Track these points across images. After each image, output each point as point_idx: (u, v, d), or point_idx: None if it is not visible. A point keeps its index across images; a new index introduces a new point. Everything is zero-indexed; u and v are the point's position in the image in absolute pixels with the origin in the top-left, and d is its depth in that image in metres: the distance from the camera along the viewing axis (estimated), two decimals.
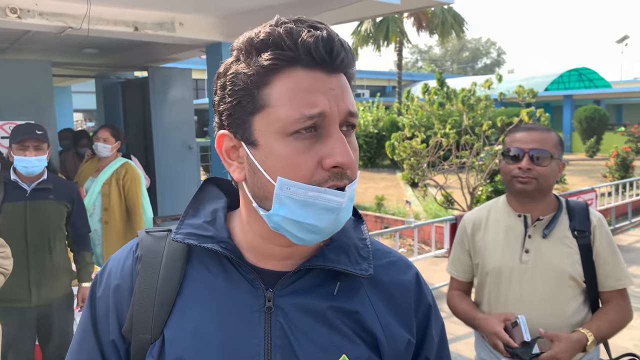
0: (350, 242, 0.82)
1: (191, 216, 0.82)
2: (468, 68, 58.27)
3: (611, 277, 1.76)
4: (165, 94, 5.72)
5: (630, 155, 11.39)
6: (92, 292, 0.84)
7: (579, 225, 1.77)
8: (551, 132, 1.81)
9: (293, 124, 0.69)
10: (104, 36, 3.97)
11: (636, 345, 4.22)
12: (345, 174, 0.71)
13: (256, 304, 0.76)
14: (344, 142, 0.70)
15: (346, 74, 0.74)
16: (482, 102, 7.00)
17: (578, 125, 21.14)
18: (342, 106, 0.71)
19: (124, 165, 3.81)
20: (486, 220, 1.90)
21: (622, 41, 44.63)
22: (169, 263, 0.80)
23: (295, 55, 0.69)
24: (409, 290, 0.85)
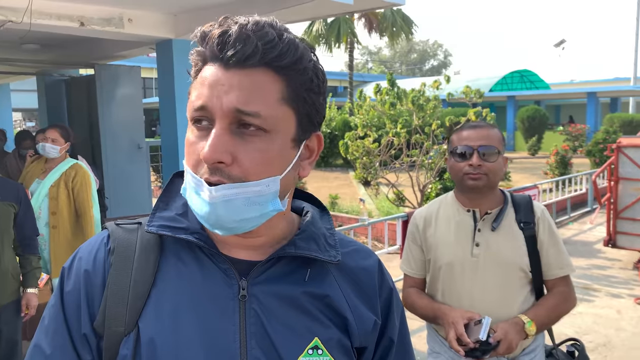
0: (318, 232, 0.85)
1: (162, 209, 0.83)
2: (416, 69, 59.59)
3: (554, 266, 1.85)
4: (113, 92, 5.54)
5: (568, 153, 12.02)
6: (61, 284, 0.82)
7: (524, 218, 1.84)
8: (495, 128, 1.88)
9: (190, 112, 0.74)
10: (47, 31, 3.80)
11: (577, 332, 4.45)
12: (220, 170, 0.71)
13: (230, 293, 0.78)
14: (216, 138, 0.70)
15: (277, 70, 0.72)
16: (431, 102, 7.19)
17: (520, 125, 22.06)
18: (226, 102, 0.70)
19: (73, 167, 3.65)
20: (436, 216, 1.94)
21: (560, 45, 46.86)
22: (142, 255, 0.80)
23: (204, 52, 0.74)
24: (372, 274, 0.89)
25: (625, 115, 20.09)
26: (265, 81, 0.72)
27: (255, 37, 0.70)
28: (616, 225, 6.36)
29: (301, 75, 0.74)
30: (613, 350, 4.11)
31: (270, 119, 0.72)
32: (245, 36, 0.70)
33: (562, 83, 37.25)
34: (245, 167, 0.72)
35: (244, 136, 0.72)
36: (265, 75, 0.72)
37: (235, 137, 0.72)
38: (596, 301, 5.21)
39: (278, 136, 0.73)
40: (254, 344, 0.76)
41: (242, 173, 0.72)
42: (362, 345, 0.84)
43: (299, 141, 0.77)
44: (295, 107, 0.75)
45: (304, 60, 0.74)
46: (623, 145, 6.31)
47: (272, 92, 0.72)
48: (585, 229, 8.33)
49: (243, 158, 0.72)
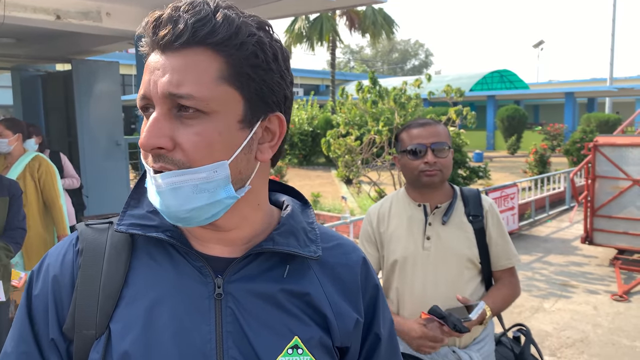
0: (298, 226, 0.82)
1: (133, 207, 0.80)
2: (398, 69, 59.90)
3: (502, 257, 1.91)
4: (91, 88, 5.43)
5: (547, 152, 12.19)
6: (29, 289, 0.79)
7: (473, 211, 1.89)
8: (441, 123, 1.91)
9: (137, 103, 0.72)
10: (22, 24, 3.70)
11: (555, 328, 4.52)
12: (163, 157, 0.69)
13: (206, 291, 0.75)
14: (152, 124, 0.69)
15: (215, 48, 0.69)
16: (413, 100, 7.22)
17: (500, 124, 22.34)
18: (160, 87, 0.68)
19: (36, 159, 3.60)
20: (389, 212, 1.96)
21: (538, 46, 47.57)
22: (112, 255, 0.77)
23: (145, 39, 0.72)
24: (355, 271, 0.86)
25: (601, 115, 20.49)
26: (199, 60, 0.68)
27: (187, 15, 0.68)
28: (593, 223, 6.47)
29: (239, 50, 0.69)
30: (590, 345, 4.18)
31: (206, 100, 0.68)
32: (175, 17, 0.68)
33: (541, 83, 37.85)
34: (187, 152, 0.69)
35: (182, 119, 0.69)
36: (201, 55, 0.68)
37: (175, 121, 0.69)
38: (573, 297, 5.29)
39: (219, 117, 0.69)
40: (231, 343, 0.73)
41: (185, 158, 0.69)
42: (343, 345, 0.81)
43: (249, 122, 0.73)
44: (239, 85, 0.70)
45: (241, 35, 0.69)
46: (600, 144, 6.42)
47: (208, 71, 0.68)
48: (563, 227, 8.46)
49: (183, 142, 0.69)
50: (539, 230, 8.24)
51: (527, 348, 1.86)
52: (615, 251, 6.49)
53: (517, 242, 7.50)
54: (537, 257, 6.73)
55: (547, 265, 6.42)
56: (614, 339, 4.30)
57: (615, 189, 6.29)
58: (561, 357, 4.01)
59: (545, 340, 4.29)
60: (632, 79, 30.38)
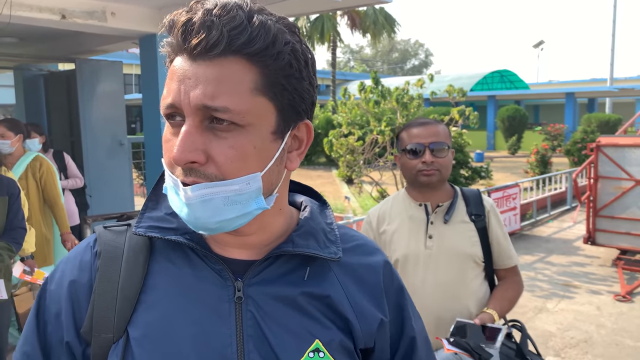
0: (317, 227, 0.81)
1: (151, 209, 0.79)
2: (397, 68, 59.89)
3: (504, 256, 1.93)
4: (95, 87, 5.43)
5: (548, 152, 12.20)
6: (43, 291, 0.78)
7: (475, 210, 1.91)
8: (441, 123, 1.92)
9: (161, 108, 0.70)
10: (27, 24, 3.70)
11: (559, 328, 4.52)
12: (195, 170, 0.67)
13: (225, 295, 0.74)
14: (185, 137, 0.65)
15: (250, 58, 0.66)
16: (415, 100, 7.22)
17: (501, 124, 22.35)
18: (193, 98, 0.65)
19: (37, 159, 3.64)
20: (390, 213, 1.97)
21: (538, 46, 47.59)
22: (130, 258, 0.76)
23: (170, 42, 0.69)
24: (377, 271, 0.85)
25: (602, 116, 20.51)
26: (234, 71, 0.65)
27: (221, 22, 0.64)
28: (595, 223, 6.47)
29: (276, 60, 0.67)
30: (594, 346, 4.19)
31: (242, 113, 0.66)
32: (209, 23, 0.64)
33: (541, 83, 37.86)
34: (220, 165, 0.67)
35: (216, 132, 0.67)
36: (235, 65, 0.66)
37: (207, 134, 0.66)
38: (576, 298, 5.30)
39: (254, 130, 0.68)
40: (252, 347, 0.72)
41: (218, 171, 0.67)
42: (367, 347, 0.80)
43: (282, 133, 0.71)
44: (273, 96, 0.69)
45: (278, 44, 0.67)
46: (602, 144, 6.42)
47: (244, 82, 0.66)
48: (564, 227, 8.46)
49: (217, 155, 0.66)
50: (540, 231, 8.25)
51: (524, 344, 1.85)
52: (617, 251, 6.49)
53: (519, 242, 7.51)
54: (539, 258, 6.74)
55: (549, 265, 6.43)
56: (617, 339, 4.31)
57: (617, 190, 6.29)
58: (565, 357, 4.01)
59: (549, 340, 4.29)
60: (633, 79, 30.41)
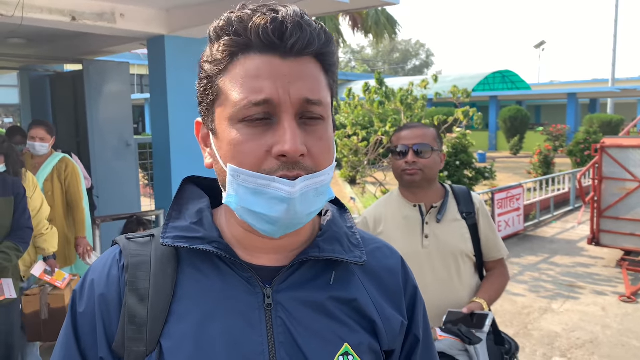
0: (341, 231, 0.83)
1: (175, 219, 0.79)
2: (399, 69, 59.88)
3: (493, 249, 2.07)
4: (102, 88, 5.44)
5: (551, 153, 12.21)
6: (73, 307, 0.78)
7: (466, 208, 2.02)
8: (430, 128, 2.03)
9: (241, 110, 0.68)
10: (37, 26, 3.72)
11: (565, 329, 4.54)
12: (298, 163, 0.69)
13: (255, 302, 0.74)
14: (294, 131, 0.68)
15: (317, 57, 0.72)
16: (420, 101, 7.23)
17: (503, 125, 22.34)
18: (294, 93, 0.68)
19: (63, 160, 3.72)
20: (385, 214, 2.04)
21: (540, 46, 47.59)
22: (159, 270, 0.76)
23: (246, 40, 0.68)
24: (396, 273, 0.87)
25: (604, 116, 20.50)
26: (316, 69, 0.72)
27: (305, 24, 0.69)
28: (600, 224, 6.48)
29: (333, 59, 0.74)
30: (600, 347, 4.20)
31: (327, 106, 0.73)
32: (297, 22, 0.68)
33: (542, 84, 37.84)
34: (315, 158, 0.71)
35: (308, 127, 0.71)
36: (314, 63, 0.71)
37: (302, 128, 0.70)
38: (581, 299, 5.31)
39: (328, 123, 0.74)
40: (284, 354, 0.73)
41: (314, 164, 0.71)
42: (390, 348, 0.82)
43: (334, 127, 0.78)
44: (332, 93, 0.76)
45: (333, 45, 0.74)
46: (607, 145, 6.43)
47: (322, 79, 0.72)
48: (568, 228, 8.48)
49: (313, 148, 0.70)
50: (544, 231, 8.26)
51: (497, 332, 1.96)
52: (621, 252, 6.51)
53: (523, 243, 7.52)
54: (543, 258, 6.75)
55: (553, 266, 6.44)
56: (623, 340, 4.32)
57: (622, 191, 6.30)
58: (572, 358, 4.03)
59: (555, 341, 4.31)
60: (635, 80, 30.38)
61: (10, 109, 24.56)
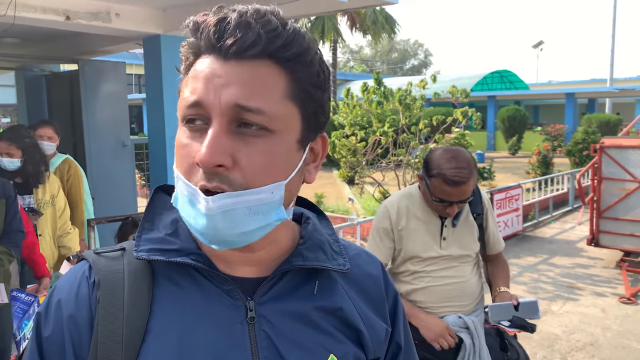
0: (323, 239, 0.79)
1: (148, 230, 0.74)
2: (397, 69, 59.87)
3: (497, 243, 2.26)
4: (98, 88, 5.39)
5: (550, 153, 12.18)
6: (38, 332, 0.71)
7: (476, 209, 2.15)
8: (473, 177, 1.94)
9: (182, 111, 0.67)
10: (31, 25, 3.67)
11: (564, 331, 4.50)
12: (219, 175, 0.63)
13: (237, 316, 0.71)
14: (213, 138, 0.62)
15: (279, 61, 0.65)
16: (418, 101, 7.20)
17: (501, 125, 22.32)
18: (224, 97, 0.62)
19: (66, 161, 3.74)
20: (406, 211, 2.10)
21: (538, 46, 47.62)
22: (133, 285, 0.71)
23: (197, 42, 0.67)
24: (378, 280, 0.85)
25: (602, 116, 20.50)
26: (268, 74, 0.64)
27: (258, 24, 0.63)
28: (599, 225, 6.46)
29: (308, 68, 0.67)
30: (600, 349, 4.17)
31: (274, 117, 0.64)
32: (245, 23, 0.63)
33: (541, 84, 37.86)
34: (246, 172, 0.64)
35: (245, 137, 0.64)
36: (268, 68, 0.64)
37: (235, 137, 0.64)
38: (581, 300, 5.28)
39: (283, 137, 0.66)
40: None
41: (244, 179, 0.64)
42: (376, 357, 0.80)
43: (305, 143, 0.70)
44: (301, 104, 0.67)
45: (311, 52, 0.67)
46: (606, 145, 6.41)
47: (276, 86, 0.65)
48: (567, 228, 8.45)
49: (244, 161, 0.64)
50: (542, 232, 8.23)
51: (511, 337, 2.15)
52: (621, 253, 6.48)
53: (522, 243, 7.49)
54: (542, 259, 6.72)
55: (552, 267, 6.41)
56: (624, 342, 4.29)
57: (621, 191, 6.28)
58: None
59: (555, 343, 4.27)
60: (633, 80, 30.42)
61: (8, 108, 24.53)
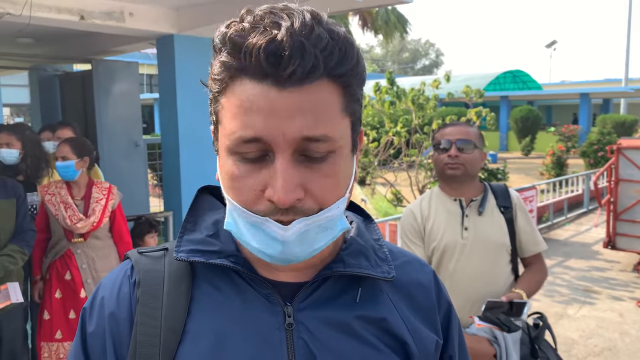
0: (367, 244, 0.76)
1: (190, 231, 0.73)
2: (408, 68, 59.66)
3: (531, 243, 2.13)
4: (111, 88, 5.40)
5: (564, 154, 12.04)
6: (82, 327, 0.73)
7: (504, 203, 2.11)
8: (473, 126, 2.12)
9: (234, 143, 0.62)
10: (46, 25, 3.68)
11: (581, 336, 4.43)
12: (294, 208, 0.62)
13: (275, 322, 0.69)
14: (285, 175, 0.60)
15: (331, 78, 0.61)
16: (432, 101, 7.14)
17: (514, 125, 22.14)
18: (290, 131, 0.59)
19: None
20: (428, 208, 2.14)
21: (551, 46, 47.16)
22: (172, 286, 0.71)
23: (239, 64, 0.60)
24: (429, 289, 0.81)
25: (617, 117, 20.23)
26: (327, 95, 0.61)
27: (311, 44, 0.58)
28: (616, 227, 6.35)
29: (358, 79, 0.65)
30: (618, 354, 4.09)
31: (337, 139, 0.62)
32: (299, 44, 0.58)
33: (554, 84, 37.50)
34: (318, 198, 0.63)
35: (310, 164, 0.62)
36: (326, 87, 0.61)
37: (302, 167, 0.62)
38: (598, 304, 5.19)
39: (342, 152, 0.64)
40: None
41: (316, 204, 0.63)
42: None
43: (355, 148, 0.69)
44: (352, 113, 0.66)
45: (361, 61, 0.64)
46: (623, 147, 6.30)
47: (335, 105, 0.62)
48: (582, 230, 8.33)
49: (316, 189, 0.62)
50: (557, 234, 8.13)
51: (542, 333, 2.02)
52: (638, 256, 6.37)
53: None
54: (557, 262, 6.62)
55: (568, 270, 6.32)
56: None
57: (639, 193, 6.17)
58: None
59: (572, 348, 4.20)
60: None
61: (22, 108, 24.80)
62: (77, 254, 2.91)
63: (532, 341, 2.06)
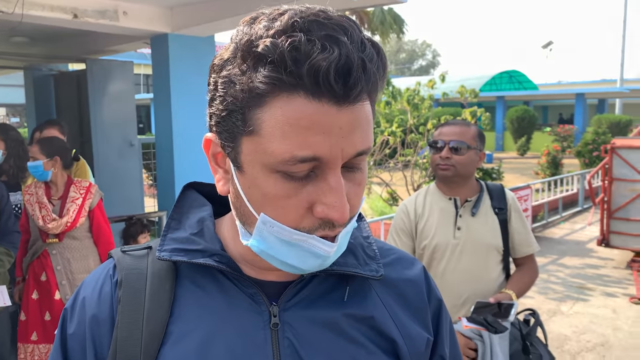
0: (355, 242, 0.75)
1: (174, 229, 0.72)
2: (405, 69, 59.73)
3: (524, 245, 2.12)
4: (105, 87, 5.40)
5: (559, 153, 12.09)
6: (63, 328, 0.72)
7: (498, 204, 2.09)
8: (471, 126, 2.07)
9: (281, 163, 0.58)
10: (39, 23, 3.68)
11: (574, 332, 4.45)
12: None
13: (260, 321, 0.68)
14: (341, 193, 0.59)
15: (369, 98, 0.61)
16: (427, 101, 7.16)
17: (510, 125, 22.19)
18: (348, 148, 0.58)
19: None
20: (423, 206, 2.13)
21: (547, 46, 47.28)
22: (155, 286, 0.69)
23: (293, 80, 0.55)
24: (419, 285, 0.79)
25: (612, 117, 20.31)
26: (368, 109, 0.61)
27: (368, 60, 0.57)
28: (610, 225, 6.39)
29: (382, 89, 0.63)
30: (611, 350, 4.11)
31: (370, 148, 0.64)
32: (361, 63, 0.56)
33: (550, 84, 37.62)
34: (354, 206, 0.64)
35: (348, 174, 0.62)
36: (366, 101, 0.60)
37: (344, 179, 0.61)
38: (591, 300, 5.22)
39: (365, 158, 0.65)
40: None
41: (352, 212, 0.64)
42: None
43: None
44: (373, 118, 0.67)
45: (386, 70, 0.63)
46: (617, 146, 6.34)
47: (370, 119, 0.62)
48: (577, 229, 8.37)
49: (353, 198, 0.63)
50: (552, 232, 8.16)
51: (534, 330, 2.01)
52: (632, 254, 6.41)
53: None
54: (551, 260, 6.65)
55: (562, 267, 6.34)
56: (635, 343, 4.23)
57: (632, 192, 6.21)
58: None
59: (565, 344, 4.22)
60: None
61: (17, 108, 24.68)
62: (53, 255, 2.82)
63: (523, 337, 2.05)
